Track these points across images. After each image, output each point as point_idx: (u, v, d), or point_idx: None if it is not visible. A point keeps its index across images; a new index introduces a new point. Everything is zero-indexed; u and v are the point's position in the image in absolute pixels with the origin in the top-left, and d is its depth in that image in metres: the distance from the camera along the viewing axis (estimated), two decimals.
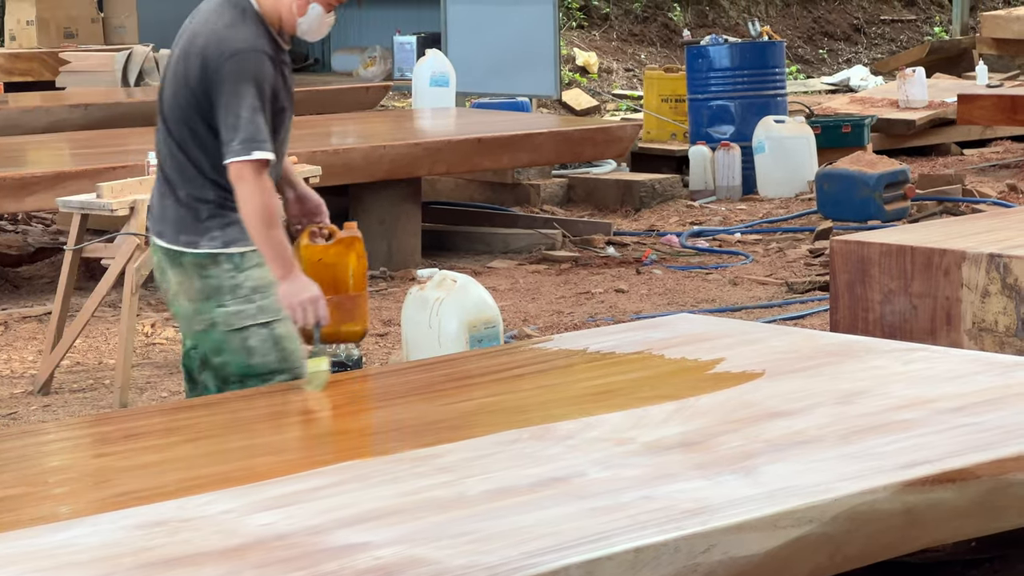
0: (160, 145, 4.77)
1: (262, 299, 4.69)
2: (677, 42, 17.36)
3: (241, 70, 4.57)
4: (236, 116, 4.55)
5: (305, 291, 4.62)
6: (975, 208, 10.17)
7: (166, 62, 4.87)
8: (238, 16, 4.67)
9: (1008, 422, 4.09)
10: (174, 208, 4.72)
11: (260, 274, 4.69)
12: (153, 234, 4.80)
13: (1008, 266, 5.67)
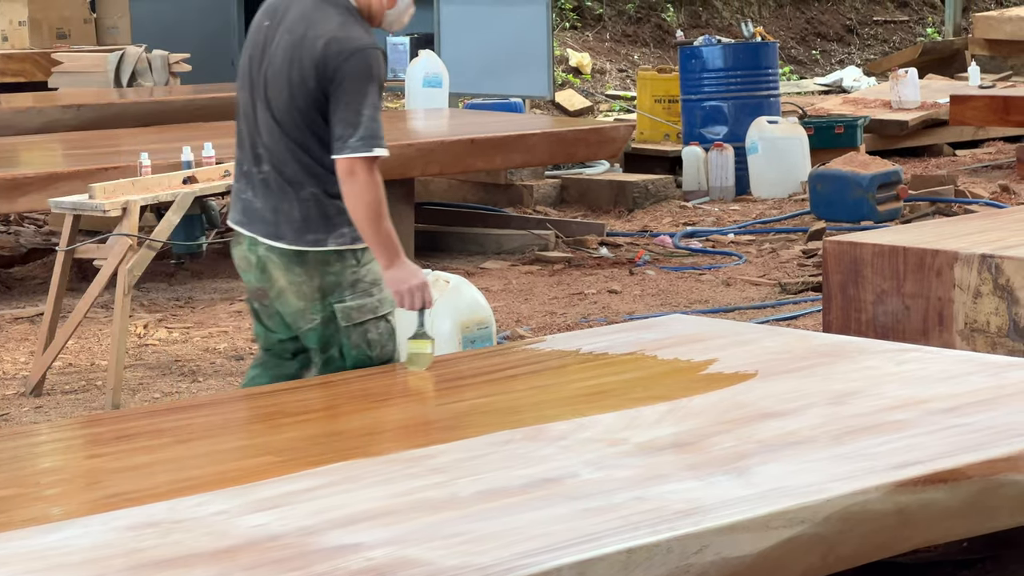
0: (274, 149, 4.80)
1: (380, 292, 4.84)
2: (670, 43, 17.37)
3: (364, 69, 4.68)
4: (357, 113, 4.65)
5: (413, 277, 4.80)
6: (967, 209, 10.18)
7: (260, 68, 4.84)
8: (345, 15, 4.78)
9: (1000, 423, 4.09)
10: (298, 208, 4.78)
11: (377, 268, 4.83)
12: (264, 236, 4.82)
13: (1000, 267, 5.67)
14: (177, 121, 10.49)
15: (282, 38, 4.80)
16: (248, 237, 4.87)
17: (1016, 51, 15.69)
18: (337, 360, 4.87)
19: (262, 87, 4.81)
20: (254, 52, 4.87)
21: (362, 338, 4.84)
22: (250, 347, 7.44)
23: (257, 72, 4.84)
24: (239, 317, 8.06)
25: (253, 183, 4.86)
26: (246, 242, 4.88)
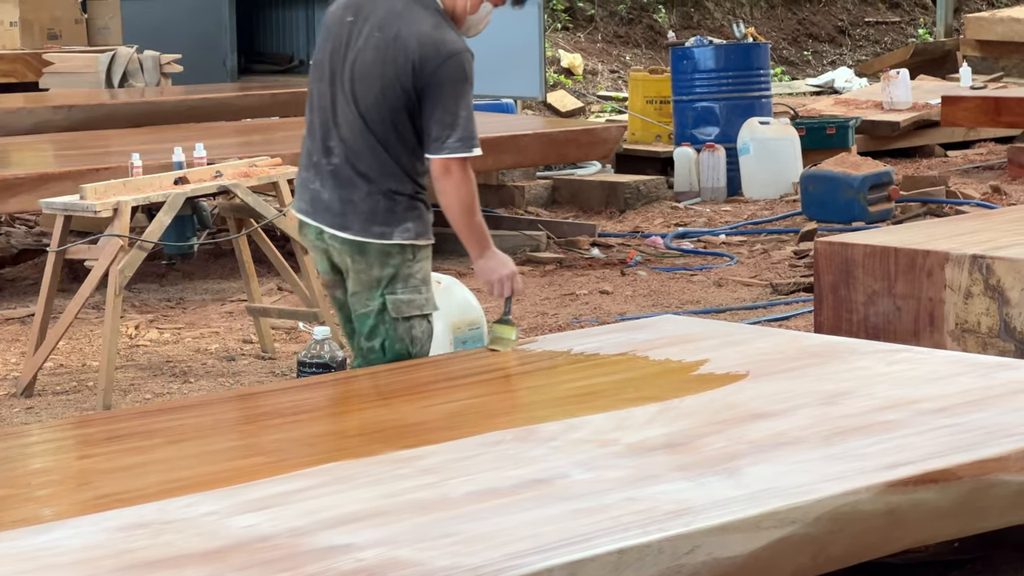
0: (352, 142, 4.94)
1: (427, 292, 5.02)
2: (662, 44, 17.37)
3: (459, 72, 4.86)
4: (454, 115, 4.84)
5: (503, 267, 5.02)
6: (959, 210, 10.19)
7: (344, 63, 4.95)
8: (436, 16, 4.93)
9: (990, 423, 4.10)
10: (367, 201, 4.93)
11: (427, 268, 5.04)
12: (331, 227, 4.97)
13: (991, 267, 5.68)
14: (168, 122, 10.49)
15: (371, 35, 4.91)
16: (314, 227, 5.01)
17: (1007, 52, 15.70)
18: (377, 352, 5.00)
19: (348, 82, 4.93)
20: (336, 46, 4.97)
21: (407, 333, 4.99)
22: (241, 348, 7.44)
23: (341, 66, 4.95)
24: (230, 318, 8.05)
25: (322, 174, 4.99)
26: (312, 233, 5.04)
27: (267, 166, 7.17)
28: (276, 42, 15.89)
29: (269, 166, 7.18)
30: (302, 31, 15.76)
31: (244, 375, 6.95)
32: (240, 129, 10.44)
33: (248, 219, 7.07)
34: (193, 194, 6.74)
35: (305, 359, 6.13)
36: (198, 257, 8.77)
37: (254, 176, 7.00)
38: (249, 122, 11.07)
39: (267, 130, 10.32)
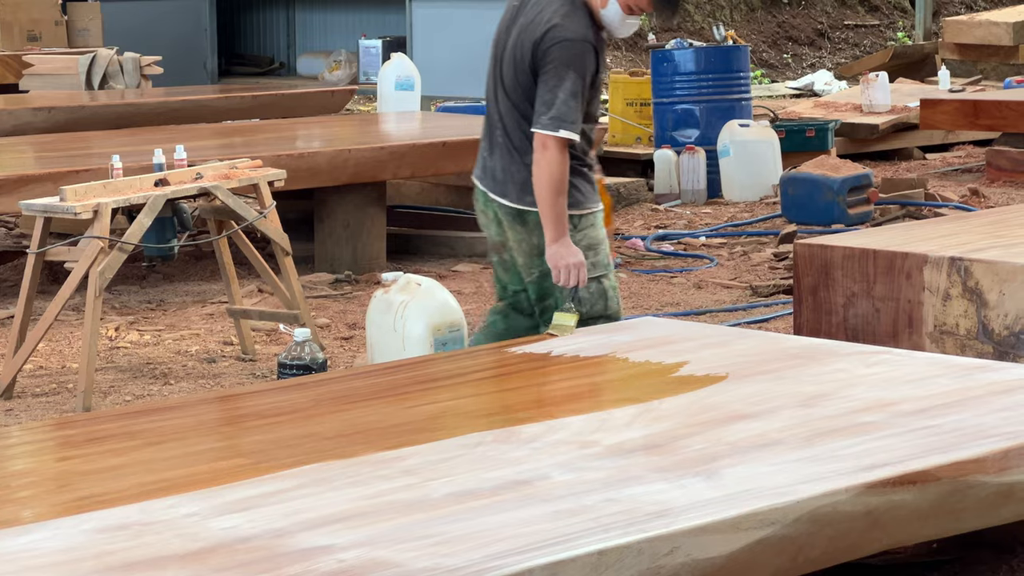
0: (506, 117, 5.44)
1: (594, 256, 5.37)
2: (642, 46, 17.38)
3: (567, 56, 5.25)
4: (553, 95, 5.24)
5: (572, 256, 5.27)
6: (937, 212, 10.22)
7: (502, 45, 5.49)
8: (571, 6, 5.33)
9: (968, 424, 4.12)
10: (521, 172, 5.37)
11: (593, 234, 5.39)
12: (494, 193, 5.45)
13: (969, 269, 5.70)
14: (149, 124, 10.48)
15: (520, 20, 5.43)
16: (482, 192, 5.49)
17: (986, 55, 15.76)
18: (553, 309, 5.39)
19: (500, 62, 5.46)
20: (500, 30, 5.53)
21: (572, 296, 5.33)
22: (221, 350, 7.43)
23: (502, 47, 5.48)
24: (211, 319, 8.05)
25: (492, 144, 5.49)
26: (481, 197, 5.51)
27: (248, 168, 7.17)
28: (256, 44, 15.88)
29: (250, 168, 7.18)
30: (282, 34, 15.76)
31: (225, 377, 6.95)
32: (221, 131, 10.43)
33: (229, 221, 7.07)
34: (173, 196, 6.73)
35: (286, 361, 6.13)
36: (178, 259, 8.76)
37: (235, 178, 7.00)
38: (230, 124, 11.06)
39: (248, 132, 10.31)
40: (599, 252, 5.40)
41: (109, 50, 12.74)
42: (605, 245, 5.46)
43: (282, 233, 7.09)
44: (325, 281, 8.91)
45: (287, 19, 15.62)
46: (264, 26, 15.79)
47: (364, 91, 13.92)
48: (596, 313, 5.42)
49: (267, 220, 6.98)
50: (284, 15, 15.63)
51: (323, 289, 8.74)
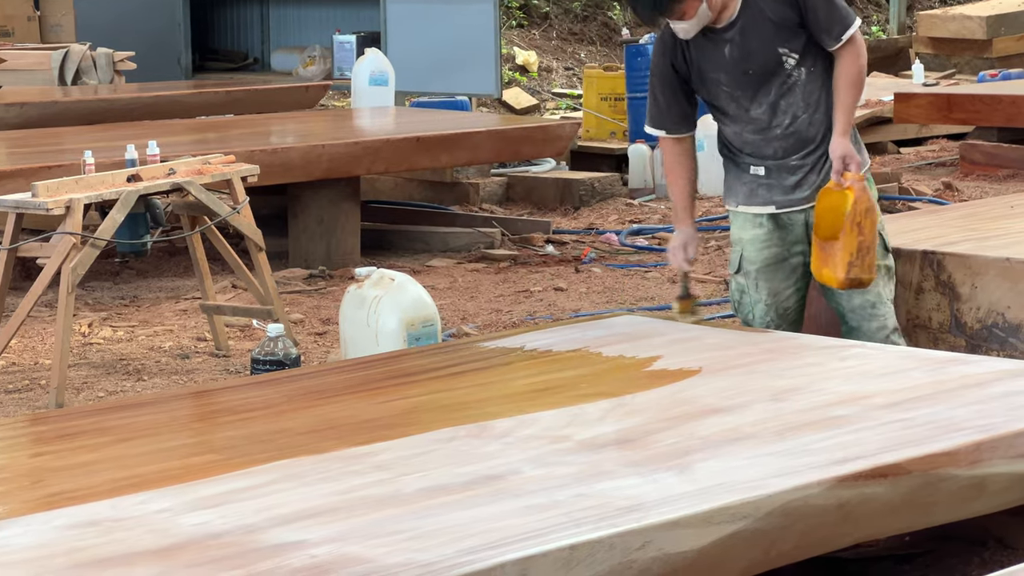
0: None
1: (732, 252, 5.49)
2: (616, 41, 17.38)
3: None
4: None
5: (675, 238, 5.49)
6: (911, 206, 10.23)
7: None
8: None
9: (940, 418, 4.12)
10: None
11: (734, 232, 5.48)
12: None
13: (942, 263, 5.71)
14: (122, 119, 10.45)
15: None
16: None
17: (959, 50, 15.78)
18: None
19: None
20: None
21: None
22: (195, 345, 7.42)
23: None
24: (184, 315, 8.03)
25: None
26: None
27: (221, 163, 7.15)
28: (231, 40, 15.84)
29: (223, 163, 7.16)
30: (256, 29, 15.72)
31: (198, 373, 6.93)
32: (194, 127, 10.41)
33: (202, 217, 7.05)
34: (146, 192, 6.71)
35: (259, 356, 6.12)
36: (151, 255, 8.73)
37: (208, 174, 6.98)
38: (203, 120, 11.04)
39: (221, 128, 10.29)
40: (735, 250, 5.49)
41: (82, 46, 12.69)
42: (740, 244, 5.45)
43: (255, 229, 7.07)
44: (299, 276, 8.90)
45: (261, 15, 15.58)
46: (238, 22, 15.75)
47: (338, 87, 13.90)
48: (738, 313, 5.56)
49: (240, 216, 6.97)
50: (258, 11, 15.59)
51: (297, 284, 8.73)
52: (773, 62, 5.28)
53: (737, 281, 5.48)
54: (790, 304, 5.44)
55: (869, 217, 5.16)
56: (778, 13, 5.27)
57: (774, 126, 5.33)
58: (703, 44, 5.34)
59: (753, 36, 5.28)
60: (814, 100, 5.32)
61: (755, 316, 5.44)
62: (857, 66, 5.29)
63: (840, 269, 5.17)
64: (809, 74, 5.31)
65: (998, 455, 3.94)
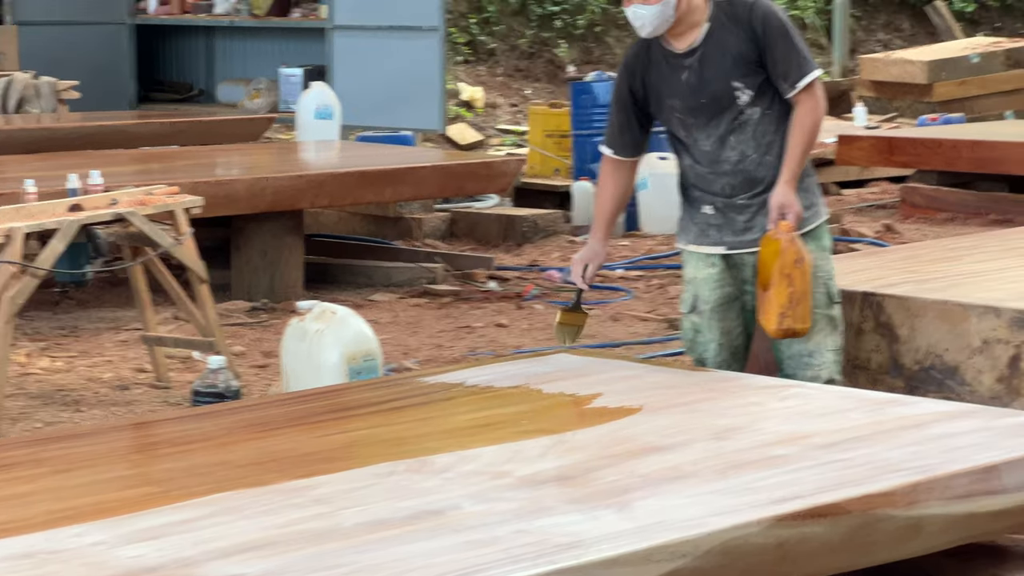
0: None
1: (685, 292, 5.48)
2: (562, 78, 17.44)
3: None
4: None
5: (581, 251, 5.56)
6: (852, 247, 10.29)
7: None
8: None
9: (878, 458, 4.14)
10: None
11: (687, 270, 5.49)
12: None
13: (881, 304, 5.75)
14: (65, 148, 10.39)
15: None
16: None
17: (901, 93, 15.92)
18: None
19: None
20: None
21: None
22: (135, 377, 7.38)
23: None
24: (124, 347, 7.99)
25: None
26: None
27: (164, 194, 7.13)
28: (176, 71, 15.80)
29: (166, 194, 7.14)
30: (202, 61, 15.68)
31: (137, 404, 6.89)
32: (138, 157, 10.37)
33: (144, 248, 7.03)
34: (88, 221, 6.68)
35: (200, 388, 6.09)
36: (92, 285, 8.69)
37: (151, 204, 6.96)
38: (147, 150, 11.00)
39: (165, 159, 10.26)
40: (684, 290, 5.50)
41: (25, 74, 12.63)
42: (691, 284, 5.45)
43: (198, 260, 7.05)
44: (241, 309, 8.87)
45: (207, 46, 15.55)
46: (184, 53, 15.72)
47: (283, 119, 13.88)
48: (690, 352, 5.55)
49: (183, 247, 6.94)
50: (204, 42, 15.56)
51: (239, 317, 8.70)
52: (725, 95, 5.28)
53: (691, 320, 5.47)
54: (739, 343, 5.45)
55: (799, 268, 5.17)
56: (738, 48, 5.27)
57: (722, 160, 5.33)
58: (663, 69, 5.35)
59: (710, 66, 5.29)
60: (766, 142, 5.32)
61: (709, 355, 5.43)
62: (812, 116, 5.28)
63: (772, 319, 5.21)
64: (764, 115, 5.31)
65: (934, 496, 3.97)
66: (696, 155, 5.37)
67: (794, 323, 5.19)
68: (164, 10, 14.96)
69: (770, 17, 5.27)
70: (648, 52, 5.37)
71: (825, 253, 5.42)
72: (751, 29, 5.25)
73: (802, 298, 5.18)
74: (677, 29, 5.30)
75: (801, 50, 5.29)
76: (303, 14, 14.21)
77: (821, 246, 5.40)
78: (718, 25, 5.29)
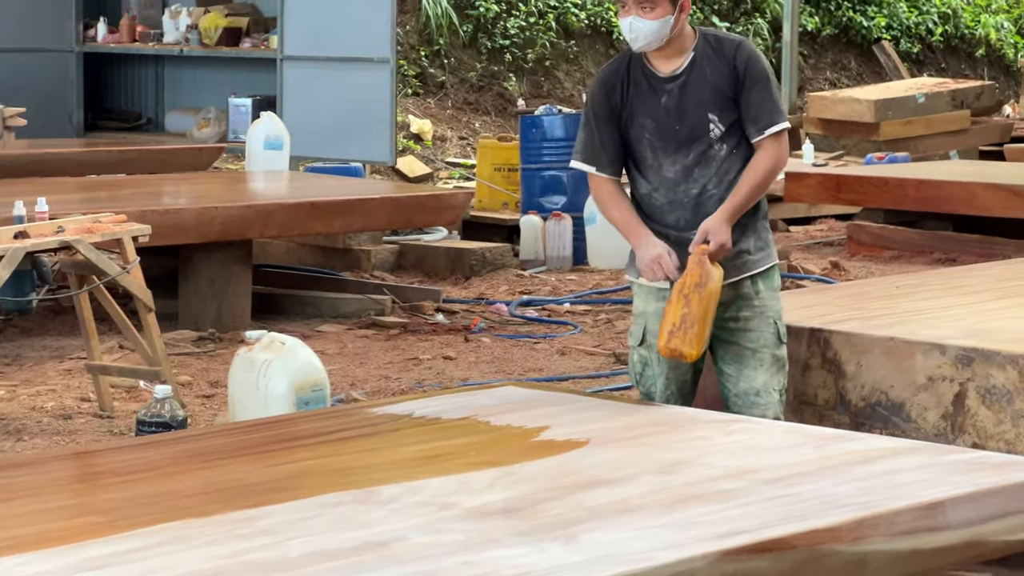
0: None
1: (634, 325, 5.50)
2: (511, 112, 17.49)
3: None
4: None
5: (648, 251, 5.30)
6: (799, 284, 10.35)
7: None
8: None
9: (824, 494, 4.16)
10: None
11: (636, 303, 5.49)
12: None
13: (828, 340, 5.78)
14: (10, 176, 10.34)
15: None
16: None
17: (848, 131, 16.03)
18: None
19: None
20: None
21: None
22: (79, 406, 7.33)
23: None
24: (68, 375, 7.94)
25: None
26: None
27: (112, 223, 7.10)
28: (125, 99, 15.75)
29: (114, 223, 7.11)
30: (151, 89, 15.64)
31: (81, 434, 6.85)
32: (85, 185, 10.33)
33: (90, 276, 6.99)
34: (33, 249, 6.65)
35: (145, 418, 6.07)
36: (37, 313, 8.64)
37: (98, 232, 6.93)
38: (94, 178, 10.96)
39: (113, 187, 10.22)
40: (636, 320, 5.48)
41: None
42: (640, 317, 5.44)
43: (145, 289, 7.02)
44: (188, 338, 8.84)
45: (156, 75, 15.51)
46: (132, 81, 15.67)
47: (233, 149, 13.86)
48: (639, 386, 5.54)
49: (130, 276, 6.91)
50: (153, 71, 15.52)
51: (186, 346, 8.66)
52: (699, 126, 5.30)
53: (640, 353, 5.47)
54: (687, 378, 5.46)
55: (698, 292, 5.18)
56: (719, 81, 5.29)
57: (682, 191, 5.33)
58: (643, 87, 5.34)
59: (690, 95, 5.30)
60: (728, 180, 5.33)
61: (657, 389, 5.43)
62: (770, 163, 5.31)
63: (663, 336, 5.23)
64: (730, 154, 5.33)
65: (879, 532, 3.98)
66: (657, 181, 5.35)
67: (681, 345, 5.19)
68: (113, 38, 14.92)
69: (753, 61, 5.30)
70: (628, 69, 5.37)
71: (776, 294, 5.43)
72: (734, 67, 5.28)
73: (696, 323, 5.17)
74: (665, 51, 5.31)
75: (776, 100, 5.34)
76: (253, 44, 14.20)
77: (772, 287, 5.42)
78: (703, 56, 5.32)
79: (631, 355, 5.53)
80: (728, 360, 5.40)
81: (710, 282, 5.19)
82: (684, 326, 5.17)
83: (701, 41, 5.33)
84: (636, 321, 5.48)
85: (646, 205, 5.40)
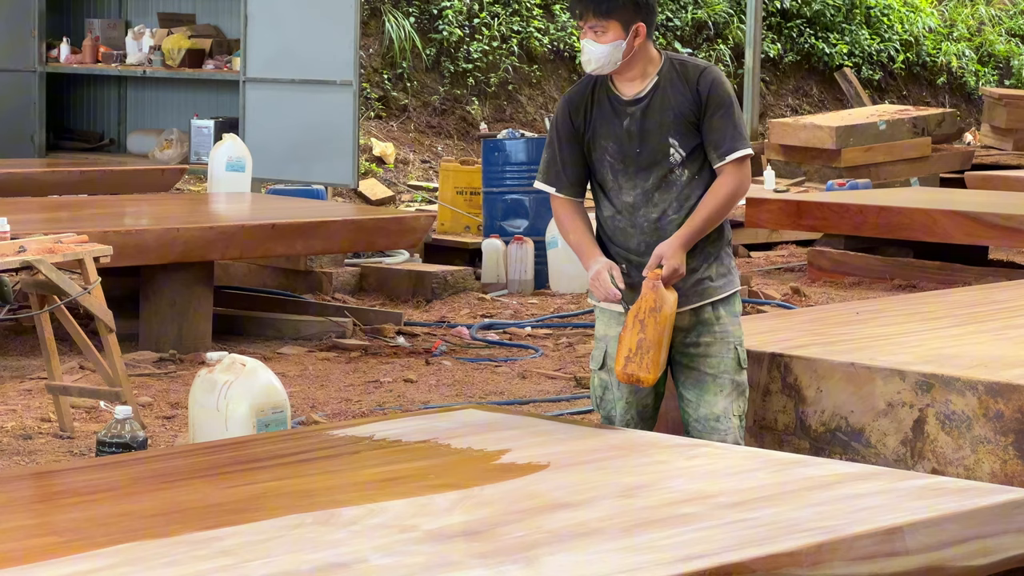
0: None
1: (596, 349, 5.52)
2: (474, 135, 17.51)
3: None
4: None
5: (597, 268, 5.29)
6: (759, 309, 10.38)
7: None
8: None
9: (783, 518, 4.18)
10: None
11: (598, 327, 5.51)
12: None
13: (789, 366, 5.80)
14: None
15: None
16: None
17: (809, 158, 16.11)
18: None
19: None
20: None
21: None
22: (39, 426, 7.30)
23: None
24: (28, 395, 7.91)
25: None
26: None
27: (73, 243, 7.09)
28: (87, 120, 15.72)
29: (75, 243, 7.10)
30: (113, 110, 15.62)
31: (40, 454, 6.82)
32: (46, 205, 10.31)
33: (51, 296, 6.97)
34: None
35: (105, 439, 6.04)
36: None
37: (59, 252, 6.92)
38: (56, 199, 10.93)
39: (75, 207, 10.20)
40: (598, 343, 5.49)
41: None
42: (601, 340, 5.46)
43: (106, 310, 7.00)
44: (149, 359, 8.81)
45: (118, 95, 15.49)
46: (95, 102, 15.65)
47: (195, 171, 13.84)
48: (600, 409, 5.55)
49: (91, 296, 6.90)
50: (115, 91, 15.49)
51: (147, 367, 8.64)
52: (660, 150, 5.30)
53: (600, 377, 5.48)
54: (648, 402, 5.47)
55: (653, 316, 5.19)
56: (682, 106, 5.29)
57: (642, 216, 5.34)
58: (606, 109, 5.35)
59: (652, 119, 5.30)
60: (688, 206, 5.32)
61: (617, 413, 5.44)
62: (730, 189, 5.31)
63: (619, 361, 5.25)
64: (691, 180, 5.33)
65: (838, 557, 4.00)
66: (618, 204, 5.36)
67: (638, 370, 5.20)
68: (76, 59, 14.89)
69: (717, 86, 5.30)
70: (593, 90, 5.38)
71: (737, 320, 5.45)
72: (696, 92, 5.29)
73: (652, 347, 5.19)
74: (627, 74, 5.32)
75: (739, 126, 5.32)
76: (216, 66, 14.20)
77: (733, 312, 5.44)
78: (667, 81, 5.32)
79: (592, 379, 5.54)
80: (688, 385, 5.41)
81: (665, 306, 5.20)
82: (640, 351, 5.19)
83: (667, 65, 5.35)
84: (597, 345, 5.49)
85: (609, 228, 5.41)
